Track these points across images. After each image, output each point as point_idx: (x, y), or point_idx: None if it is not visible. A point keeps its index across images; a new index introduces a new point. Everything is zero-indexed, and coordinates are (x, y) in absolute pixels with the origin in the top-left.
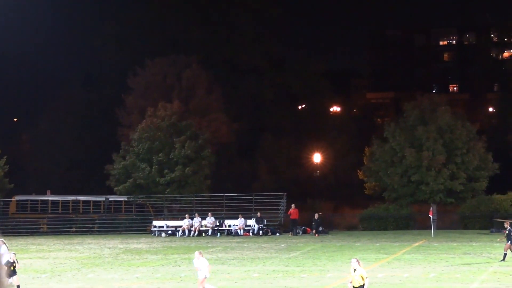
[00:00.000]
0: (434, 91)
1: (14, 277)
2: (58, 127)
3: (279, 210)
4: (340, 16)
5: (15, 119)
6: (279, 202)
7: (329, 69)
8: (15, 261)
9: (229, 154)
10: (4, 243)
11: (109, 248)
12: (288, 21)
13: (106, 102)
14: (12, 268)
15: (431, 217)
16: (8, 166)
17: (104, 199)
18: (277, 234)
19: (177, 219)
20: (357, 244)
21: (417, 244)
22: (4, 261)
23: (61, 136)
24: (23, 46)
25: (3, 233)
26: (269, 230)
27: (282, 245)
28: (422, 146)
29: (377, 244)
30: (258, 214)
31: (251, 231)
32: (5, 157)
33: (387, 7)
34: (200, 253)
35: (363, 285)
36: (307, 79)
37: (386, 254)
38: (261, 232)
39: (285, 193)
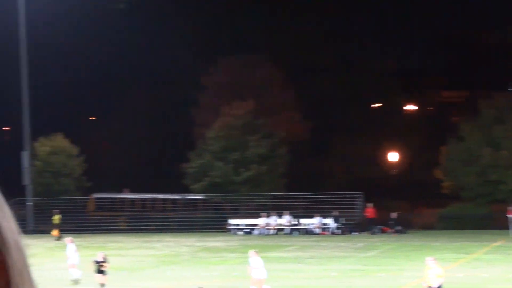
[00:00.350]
0: (509, 89)
1: (101, 275)
2: (134, 126)
3: (356, 209)
4: (412, 14)
5: (92, 118)
6: (355, 201)
7: (401, 68)
8: (105, 260)
9: (303, 153)
10: (72, 242)
11: (187, 246)
12: (359, 20)
13: (181, 101)
14: (100, 267)
15: (510, 216)
16: (86, 164)
17: (181, 197)
18: (354, 233)
19: (253, 217)
20: (435, 244)
21: (496, 244)
22: (74, 259)
23: (137, 135)
24: (98, 45)
25: (81, 231)
26: (346, 229)
27: (359, 244)
28: (500, 145)
29: (456, 244)
30: (335, 213)
31: (328, 230)
32: (84, 155)
33: (460, 4)
34: (256, 252)
35: (440, 285)
36: (379, 77)
37: (465, 254)
38: (338, 231)
39: (362, 192)
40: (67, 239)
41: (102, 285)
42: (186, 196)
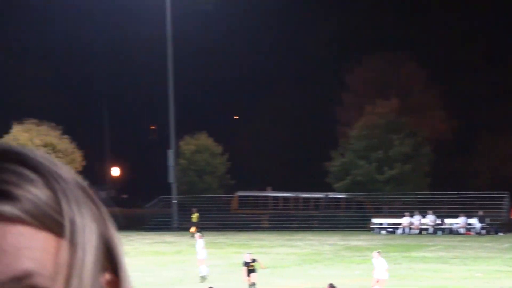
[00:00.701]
0: None
1: (253, 275)
2: (276, 124)
3: (502, 209)
4: None
5: (235, 117)
6: (501, 201)
7: None
8: (253, 260)
9: (447, 151)
10: (201, 238)
11: (330, 245)
12: (503, 16)
13: (323, 99)
14: (250, 267)
15: None
16: (229, 163)
17: (323, 196)
18: (500, 234)
19: (396, 216)
20: None
21: None
22: (202, 255)
23: (279, 133)
24: (242, 44)
25: (224, 228)
26: (491, 230)
27: (506, 245)
28: None
29: None
30: (481, 213)
31: (473, 230)
32: (227, 154)
33: None
34: (379, 253)
35: None
36: None
37: None
38: (483, 231)
39: (508, 192)
40: (197, 235)
41: (253, 284)
42: (328, 194)
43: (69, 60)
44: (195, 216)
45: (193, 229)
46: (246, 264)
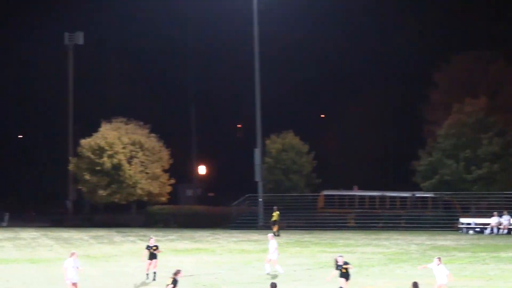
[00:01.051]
0: None
1: (344, 280)
2: (362, 123)
3: None
4: None
5: (322, 115)
6: None
7: None
8: (346, 263)
9: None
10: (273, 239)
11: (416, 244)
12: None
13: (410, 98)
14: (342, 270)
15: None
16: (315, 161)
17: (410, 195)
18: None
19: (485, 216)
20: None
21: None
22: (273, 255)
23: (365, 132)
24: (329, 43)
25: (310, 227)
26: None
27: None
28: None
29: None
30: None
31: None
32: (313, 152)
33: None
34: (439, 259)
35: None
36: None
37: None
38: None
39: None
40: (269, 235)
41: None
42: (415, 194)
43: (157, 60)
44: (275, 215)
45: (275, 228)
46: (338, 267)
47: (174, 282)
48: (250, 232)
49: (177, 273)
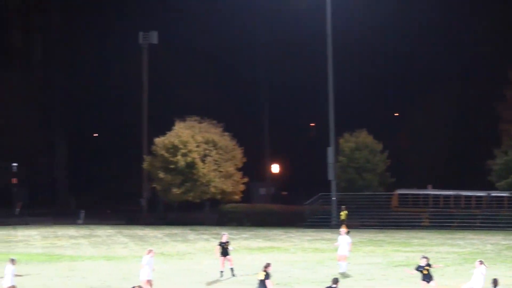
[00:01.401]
0: None
1: (425, 283)
2: (435, 121)
3: None
4: None
5: (396, 114)
6: None
7: None
8: (429, 264)
9: None
10: (344, 234)
11: (492, 244)
12: None
13: (485, 96)
14: (424, 271)
15: None
16: (389, 160)
17: (486, 194)
18: None
19: None
20: None
21: None
22: (343, 251)
23: (439, 130)
24: (401, 41)
25: (384, 226)
26: None
27: None
28: None
29: None
30: None
31: None
32: (387, 151)
33: None
34: (481, 262)
35: None
36: None
37: None
38: None
39: None
40: (342, 230)
41: None
42: (491, 193)
43: (230, 59)
44: (343, 214)
45: (344, 228)
46: (420, 268)
47: (267, 275)
48: (323, 231)
49: (267, 266)
